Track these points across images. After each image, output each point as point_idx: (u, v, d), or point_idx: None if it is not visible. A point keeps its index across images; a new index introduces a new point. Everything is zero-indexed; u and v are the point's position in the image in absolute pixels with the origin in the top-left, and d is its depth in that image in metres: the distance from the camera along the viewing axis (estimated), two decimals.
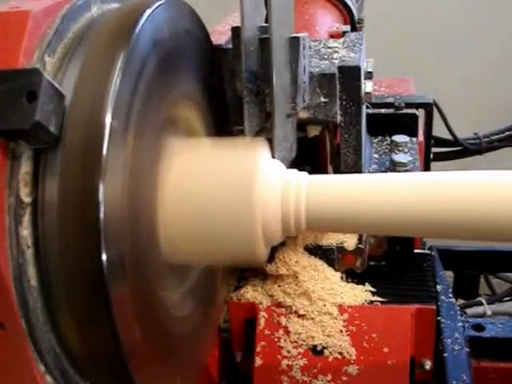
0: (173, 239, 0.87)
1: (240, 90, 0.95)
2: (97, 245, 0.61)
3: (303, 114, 1.02)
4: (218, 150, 0.94)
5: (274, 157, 0.92)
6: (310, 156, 1.14)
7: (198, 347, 1.02)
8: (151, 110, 0.80)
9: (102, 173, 0.61)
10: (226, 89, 1.07)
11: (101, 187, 0.61)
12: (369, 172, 1.25)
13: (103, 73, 0.65)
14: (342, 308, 1.10)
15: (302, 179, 0.91)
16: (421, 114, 1.45)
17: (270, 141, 0.93)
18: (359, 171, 1.15)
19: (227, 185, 0.87)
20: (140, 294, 0.76)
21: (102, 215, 0.61)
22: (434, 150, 1.90)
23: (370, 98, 1.09)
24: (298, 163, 1.07)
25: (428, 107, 1.54)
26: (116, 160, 0.64)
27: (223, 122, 1.03)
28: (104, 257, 0.62)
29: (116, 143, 0.64)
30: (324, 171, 1.19)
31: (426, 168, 1.63)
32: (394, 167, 1.27)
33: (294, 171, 0.94)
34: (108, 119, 0.63)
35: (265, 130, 1.00)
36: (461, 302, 1.84)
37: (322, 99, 1.06)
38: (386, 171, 1.25)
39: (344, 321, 1.09)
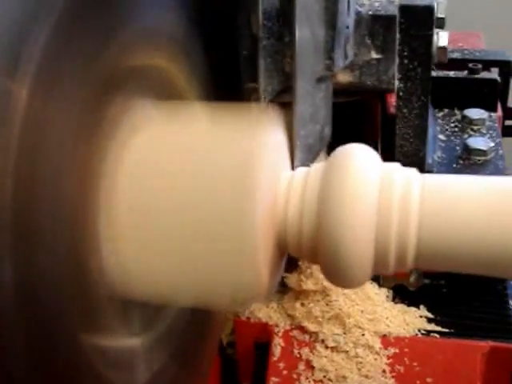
0: (123, 262, 0.60)
1: (255, 29, 0.73)
2: None
3: (343, 78, 0.80)
4: (205, 127, 0.64)
5: (292, 144, 0.70)
6: (345, 138, 0.84)
7: None
8: (78, 52, 0.53)
9: None
10: (241, 32, 0.79)
11: None
12: (432, 161, 0.94)
13: None
14: (386, 339, 0.92)
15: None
16: None
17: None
18: (421, 161, 0.87)
19: (214, 182, 0.59)
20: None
21: None
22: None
23: (445, 57, 0.79)
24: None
25: (505, 67, 1.23)
26: None
27: (229, 79, 0.81)
28: None
29: None
30: None
31: None
32: (467, 155, 0.99)
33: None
34: None
35: (287, 91, 0.77)
36: None
37: (374, 55, 0.80)
38: (456, 161, 0.95)
39: (389, 357, 0.92)
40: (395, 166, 0.61)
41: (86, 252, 0.57)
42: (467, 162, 0.99)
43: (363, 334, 0.94)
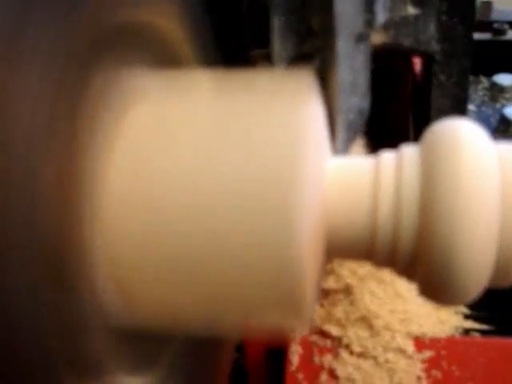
0: (123, 286, 0.47)
1: None
2: None
3: (376, 38, 0.68)
4: (221, 98, 0.51)
5: (332, 125, 0.57)
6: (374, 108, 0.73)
7: None
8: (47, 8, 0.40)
9: None
10: None
11: None
12: None
13: None
14: (420, 342, 0.86)
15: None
16: None
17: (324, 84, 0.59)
18: None
19: (241, 174, 0.45)
20: None
21: None
22: None
23: (490, 13, 0.68)
24: None
25: None
26: None
27: (234, 40, 0.69)
28: None
29: None
30: (399, 135, 0.80)
31: None
32: (505, 128, 0.87)
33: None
34: None
35: (309, 59, 0.65)
36: None
37: (411, 11, 0.68)
38: (493, 135, 0.84)
39: (424, 361, 0.85)
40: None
41: (72, 274, 0.44)
42: (507, 134, 0.88)
43: (394, 337, 0.86)
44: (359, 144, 0.70)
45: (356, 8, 0.58)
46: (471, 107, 0.93)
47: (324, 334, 0.87)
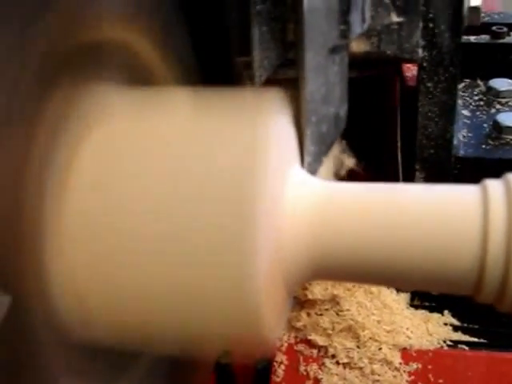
0: (81, 299, 0.46)
1: None
2: None
3: (358, 47, 0.67)
4: (187, 117, 0.49)
5: (302, 137, 0.56)
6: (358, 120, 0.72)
7: None
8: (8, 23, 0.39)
9: None
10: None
11: None
12: (458, 141, 0.81)
13: None
14: (407, 353, 0.84)
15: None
16: None
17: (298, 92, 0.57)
18: (448, 144, 0.77)
19: (202, 193, 0.45)
20: None
21: None
22: None
23: (478, 20, 0.68)
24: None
25: None
26: None
27: (217, 53, 0.67)
28: None
29: None
30: (388, 146, 0.81)
31: None
32: (498, 134, 0.87)
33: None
34: None
35: (291, 66, 0.63)
36: None
37: (395, 18, 0.67)
38: (485, 141, 0.83)
39: (410, 374, 0.83)
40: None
41: (27, 290, 0.43)
42: (497, 141, 0.86)
43: (380, 348, 0.84)
44: (333, 152, 0.68)
45: (329, 20, 0.56)
46: (465, 112, 0.90)
47: (310, 344, 0.86)
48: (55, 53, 0.45)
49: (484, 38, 1.00)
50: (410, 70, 0.87)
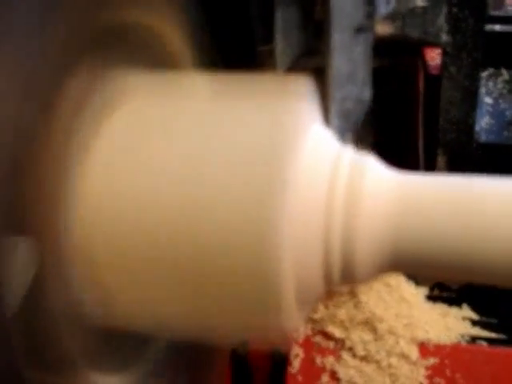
0: (104, 289, 0.46)
1: None
2: None
3: (383, 29, 0.66)
4: (208, 103, 0.48)
5: (327, 113, 0.57)
6: (384, 103, 0.71)
7: None
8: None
9: None
10: None
11: None
12: (480, 128, 0.81)
13: None
14: (424, 348, 0.83)
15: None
16: None
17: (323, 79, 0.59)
18: (469, 129, 0.75)
19: (227, 182, 0.44)
20: None
21: None
22: None
23: (502, 5, 0.66)
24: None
25: None
26: None
27: (239, 40, 0.65)
28: None
29: None
30: (410, 127, 0.80)
31: None
32: None
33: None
34: None
35: (313, 55, 0.64)
36: None
37: (419, 2, 0.65)
38: (507, 128, 0.83)
39: (427, 368, 0.83)
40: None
41: (47, 273, 0.43)
42: None
43: (398, 342, 0.84)
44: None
45: (355, 1, 0.56)
46: (488, 100, 0.90)
47: (327, 336, 0.85)
48: (74, 39, 0.44)
49: (509, 27, 0.99)
50: (434, 60, 0.86)
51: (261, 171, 0.42)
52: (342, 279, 0.48)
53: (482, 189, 0.46)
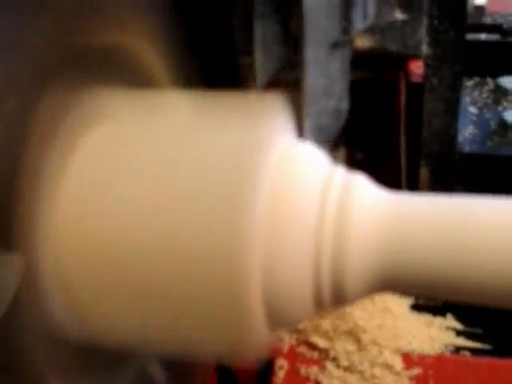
0: (78, 303, 0.47)
1: None
2: None
3: (363, 43, 0.68)
4: (185, 120, 0.49)
5: (302, 127, 0.57)
6: (364, 116, 0.72)
7: None
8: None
9: None
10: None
11: None
12: (463, 138, 0.82)
13: None
14: (408, 358, 0.83)
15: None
16: None
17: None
18: (452, 140, 0.77)
19: (199, 198, 0.44)
20: None
21: None
22: None
23: (482, 18, 0.67)
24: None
25: None
26: None
27: (220, 55, 0.65)
28: None
29: None
30: (391, 142, 0.80)
31: None
32: (504, 131, 0.88)
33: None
34: None
35: (294, 68, 0.63)
36: None
37: (398, 15, 0.67)
38: (491, 138, 0.84)
39: (411, 379, 0.82)
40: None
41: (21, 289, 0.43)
42: (503, 138, 0.86)
43: (381, 352, 0.84)
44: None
45: (331, 16, 0.56)
46: (472, 110, 0.90)
47: (311, 346, 0.85)
48: (53, 54, 0.44)
49: (494, 36, 0.99)
50: (419, 68, 0.86)
51: (227, 197, 0.42)
52: (333, 300, 0.48)
53: (473, 210, 0.46)
